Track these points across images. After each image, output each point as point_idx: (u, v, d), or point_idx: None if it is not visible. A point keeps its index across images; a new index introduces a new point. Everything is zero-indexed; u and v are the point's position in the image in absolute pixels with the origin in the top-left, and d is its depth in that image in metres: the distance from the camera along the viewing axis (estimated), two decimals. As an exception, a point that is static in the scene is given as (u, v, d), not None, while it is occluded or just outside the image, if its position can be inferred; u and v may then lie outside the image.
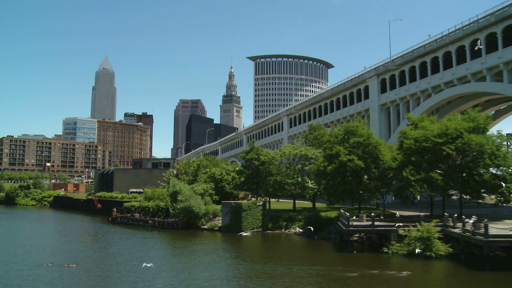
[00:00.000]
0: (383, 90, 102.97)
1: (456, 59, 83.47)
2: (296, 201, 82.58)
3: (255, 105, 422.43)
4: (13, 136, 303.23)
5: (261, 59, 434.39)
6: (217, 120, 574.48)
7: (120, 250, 56.37)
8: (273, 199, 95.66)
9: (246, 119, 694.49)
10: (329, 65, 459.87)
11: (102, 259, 50.71)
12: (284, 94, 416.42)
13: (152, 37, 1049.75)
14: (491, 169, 57.39)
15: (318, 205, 79.79)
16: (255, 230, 71.49)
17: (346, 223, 49.97)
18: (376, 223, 49.37)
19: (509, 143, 62.22)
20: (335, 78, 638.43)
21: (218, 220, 75.94)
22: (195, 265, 45.89)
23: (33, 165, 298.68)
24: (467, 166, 56.67)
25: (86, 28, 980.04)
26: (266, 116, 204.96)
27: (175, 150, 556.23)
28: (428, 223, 45.88)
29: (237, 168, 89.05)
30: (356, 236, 56.49)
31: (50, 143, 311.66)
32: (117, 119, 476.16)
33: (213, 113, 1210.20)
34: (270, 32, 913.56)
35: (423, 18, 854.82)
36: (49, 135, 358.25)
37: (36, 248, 58.09)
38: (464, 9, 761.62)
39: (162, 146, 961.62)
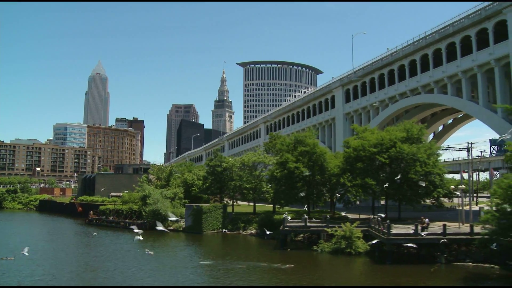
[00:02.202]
0: (347, 100, 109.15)
1: (409, 72, 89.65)
2: (264, 204, 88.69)
3: (245, 111, 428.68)
4: (3, 141, 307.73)
5: (251, 65, 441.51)
6: (209, 125, 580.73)
7: (70, 246, 63.82)
8: (245, 203, 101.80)
9: (237, 124, 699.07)
10: (318, 71, 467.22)
11: (45, 252, 57.36)
12: (273, 100, 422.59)
13: (145, 41, 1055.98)
14: (432, 176, 63.39)
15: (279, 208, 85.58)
16: (216, 231, 77.30)
17: (284, 224, 56.00)
18: (308, 224, 55.30)
19: (439, 152, 68.07)
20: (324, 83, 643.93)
21: (183, 222, 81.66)
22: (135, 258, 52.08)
23: (23, 169, 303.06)
24: (401, 173, 62.59)
25: (79, 32, 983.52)
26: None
27: (167, 155, 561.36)
28: (352, 224, 51.74)
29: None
30: (300, 236, 62.28)
31: (40, 148, 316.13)
32: (109, 124, 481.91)
33: (206, 118, 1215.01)
34: (262, 38, 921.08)
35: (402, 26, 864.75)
36: (43, 139, 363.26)
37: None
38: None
39: (155, 150, 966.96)
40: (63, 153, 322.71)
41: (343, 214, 63.12)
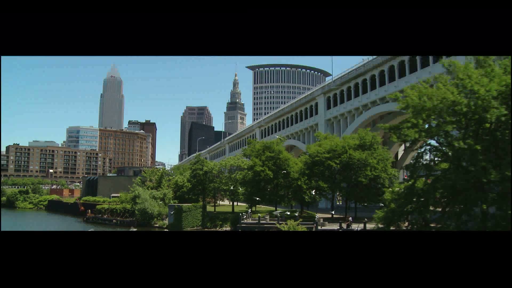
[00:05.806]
0: (328, 107, 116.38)
1: (379, 82, 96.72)
2: (246, 204, 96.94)
3: (254, 113, 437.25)
4: (18, 144, 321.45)
5: (260, 69, 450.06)
6: (222, 127, 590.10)
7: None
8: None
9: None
10: (326, 74, 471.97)
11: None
12: (282, 102, 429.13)
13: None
14: (381, 180, 70.54)
15: (259, 207, 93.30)
16: (195, 228, 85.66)
17: (239, 221, 64.17)
18: (261, 221, 63.15)
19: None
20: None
21: (167, 220, 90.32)
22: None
23: (37, 171, 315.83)
24: (351, 177, 69.94)
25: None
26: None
27: (180, 156, 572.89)
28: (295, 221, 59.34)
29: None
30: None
31: (53, 151, 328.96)
32: (124, 127, 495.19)
33: (219, 120, 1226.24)
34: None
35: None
36: (59, 141, 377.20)
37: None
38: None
39: (170, 152, 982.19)
40: (75, 156, 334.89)
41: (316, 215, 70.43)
